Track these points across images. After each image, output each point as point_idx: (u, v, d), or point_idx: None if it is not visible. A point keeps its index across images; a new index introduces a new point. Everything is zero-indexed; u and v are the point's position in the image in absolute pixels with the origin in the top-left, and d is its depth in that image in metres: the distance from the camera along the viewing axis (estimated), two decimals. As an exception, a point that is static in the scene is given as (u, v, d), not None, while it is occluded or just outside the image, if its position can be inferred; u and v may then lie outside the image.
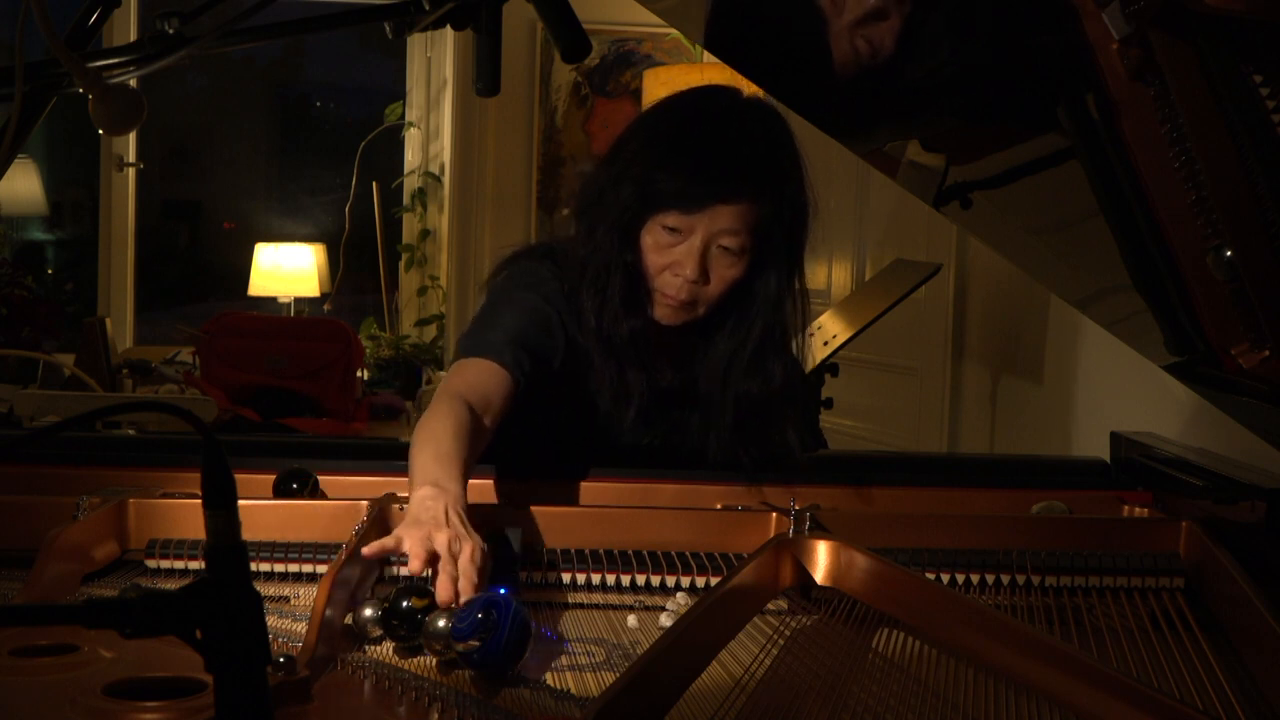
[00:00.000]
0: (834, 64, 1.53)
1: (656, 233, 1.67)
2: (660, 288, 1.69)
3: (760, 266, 1.70)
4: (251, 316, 5.08)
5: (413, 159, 5.84)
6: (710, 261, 1.67)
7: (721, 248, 1.67)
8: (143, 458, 1.61)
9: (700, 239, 1.66)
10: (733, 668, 1.12)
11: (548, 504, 1.46)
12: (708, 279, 1.67)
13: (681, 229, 1.66)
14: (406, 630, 1.15)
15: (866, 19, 1.47)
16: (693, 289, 1.67)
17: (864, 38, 1.47)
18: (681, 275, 1.67)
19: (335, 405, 4.55)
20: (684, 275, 1.66)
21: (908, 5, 1.45)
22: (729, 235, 1.66)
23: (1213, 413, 1.57)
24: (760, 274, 1.71)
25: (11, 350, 4.12)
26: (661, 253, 1.68)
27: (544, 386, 1.67)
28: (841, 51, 1.50)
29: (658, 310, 1.71)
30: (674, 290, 1.68)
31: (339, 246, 5.86)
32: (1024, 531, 1.41)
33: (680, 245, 1.67)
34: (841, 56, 1.50)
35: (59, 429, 1.07)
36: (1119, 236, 1.37)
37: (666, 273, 1.68)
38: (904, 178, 1.74)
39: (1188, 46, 1.09)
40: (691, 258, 1.66)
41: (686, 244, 1.66)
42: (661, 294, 1.69)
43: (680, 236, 1.66)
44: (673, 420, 1.81)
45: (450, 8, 1.11)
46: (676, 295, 1.68)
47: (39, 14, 0.96)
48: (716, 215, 1.65)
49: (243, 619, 0.75)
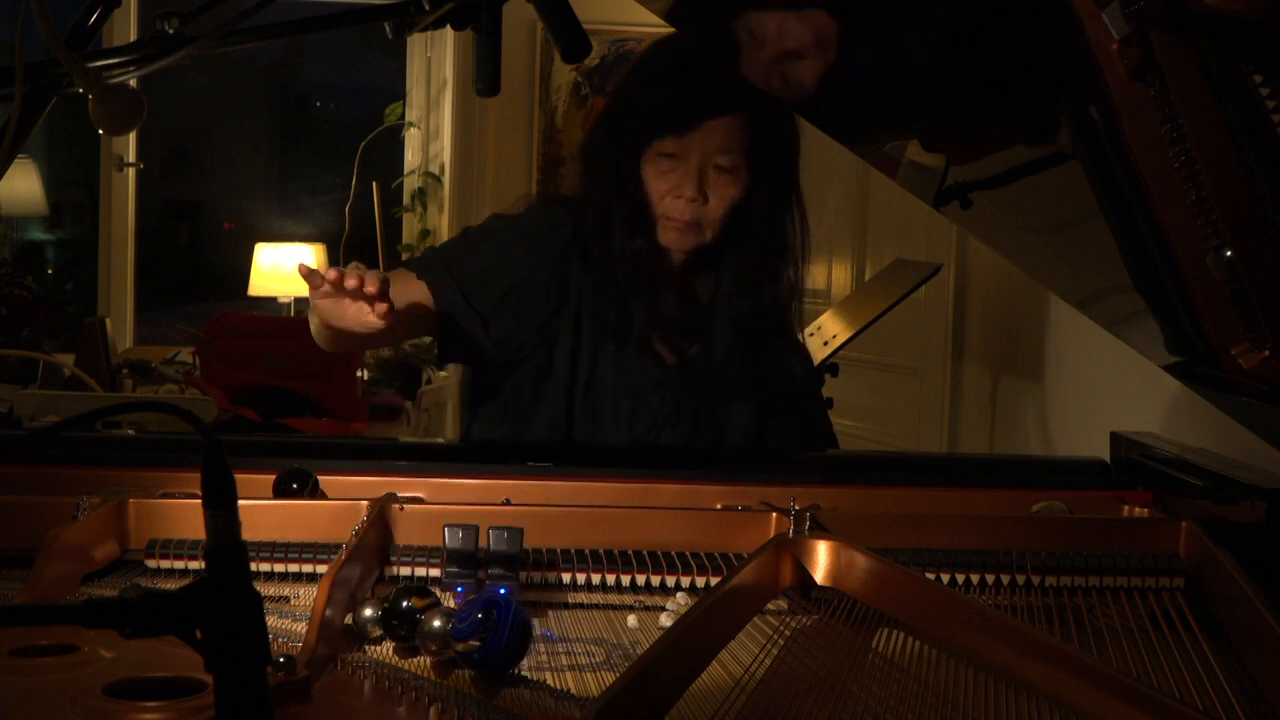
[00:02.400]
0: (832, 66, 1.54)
1: (655, 161, 1.80)
2: (665, 212, 1.81)
3: (757, 187, 1.82)
4: (251, 316, 5.08)
5: (413, 159, 5.84)
6: (708, 182, 1.80)
7: (717, 167, 1.79)
8: (143, 458, 1.60)
9: (696, 160, 1.79)
10: (733, 668, 1.12)
11: (548, 504, 1.46)
12: (707, 198, 1.80)
13: (677, 153, 1.79)
14: (406, 630, 1.15)
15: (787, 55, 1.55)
16: (695, 209, 1.80)
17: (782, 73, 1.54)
18: (683, 197, 1.79)
19: (335, 405, 4.55)
20: (685, 196, 1.79)
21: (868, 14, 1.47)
22: (722, 154, 1.79)
23: (1213, 413, 1.57)
24: (757, 195, 1.83)
25: (11, 350, 4.11)
26: (662, 179, 1.80)
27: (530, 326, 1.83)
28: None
29: (665, 235, 1.82)
30: (678, 212, 1.80)
31: (339, 246, 5.86)
32: (1024, 531, 1.41)
33: (678, 169, 1.79)
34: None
35: (59, 429, 1.07)
36: (1119, 236, 1.37)
37: (669, 197, 1.80)
38: (904, 178, 1.74)
39: (1188, 46, 1.09)
40: (690, 178, 1.79)
41: (684, 167, 1.79)
42: (666, 218, 1.81)
43: (677, 161, 1.79)
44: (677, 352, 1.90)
45: (450, 8, 1.11)
46: (680, 217, 1.80)
47: (39, 14, 0.96)
48: (708, 133, 1.78)
49: (243, 619, 0.75)
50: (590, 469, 1.63)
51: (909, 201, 2.75)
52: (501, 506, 1.44)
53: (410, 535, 1.39)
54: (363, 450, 1.87)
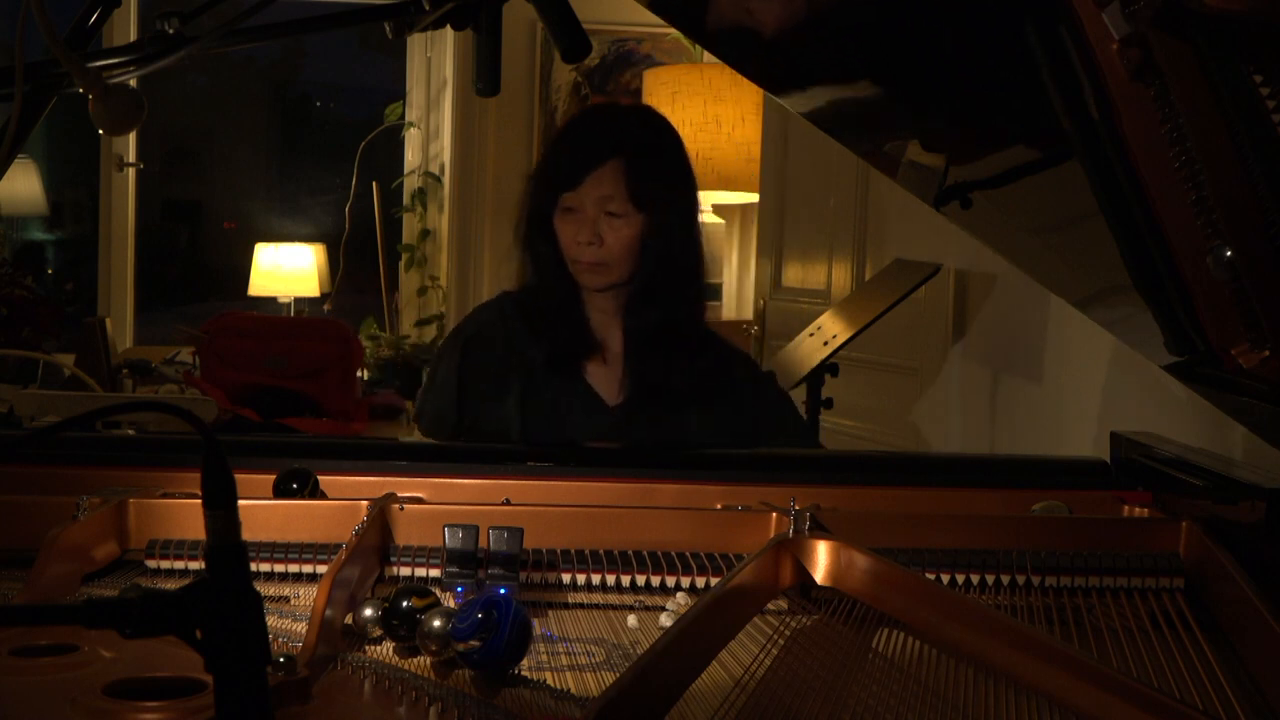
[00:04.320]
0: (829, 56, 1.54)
1: (561, 216, 2.14)
2: (574, 258, 2.14)
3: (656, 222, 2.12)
4: (251, 316, 5.08)
5: (413, 159, 5.84)
6: (603, 227, 2.11)
7: (608, 214, 2.11)
8: (143, 458, 1.60)
9: (591, 208, 2.11)
10: (733, 668, 1.12)
11: (548, 504, 1.46)
12: (603, 241, 2.11)
13: (574, 206, 2.12)
14: (406, 630, 1.15)
15: None
16: (593, 251, 2.12)
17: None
18: (581, 241, 2.12)
19: (335, 405, 4.55)
20: (582, 240, 2.11)
21: None
22: (611, 200, 2.10)
23: (1213, 413, 1.57)
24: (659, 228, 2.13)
25: (11, 350, 4.11)
26: (566, 231, 2.14)
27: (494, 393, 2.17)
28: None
29: (580, 276, 2.16)
30: (583, 257, 2.13)
31: (339, 246, 5.86)
32: (1024, 531, 1.41)
33: (577, 218, 2.12)
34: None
35: (59, 429, 1.07)
36: (1119, 236, 1.37)
37: (573, 244, 2.13)
38: (904, 178, 1.74)
39: (1188, 46, 1.09)
40: (586, 225, 2.12)
41: (581, 215, 2.12)
42: (575, 262, 2.14)
43: (576, 213, 2.12)
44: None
45: (450, 8, 1.11)
46: (583, 259, 2.13)
47: (39, 14, 0.96)
48: (597, 182, 2.10)
49: (243, 619, 0.75)
50: (590, 469, 1.63)
51: (909, 201, 2.75)
52: (501, 506, 1.44)
53: (410, 535, 1.39)
54: (363, 450, 1.87)
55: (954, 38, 1.40)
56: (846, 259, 4.10)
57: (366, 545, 1.31)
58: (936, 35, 1.43)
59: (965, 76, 1.45)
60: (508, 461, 1.66)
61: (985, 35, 1.36)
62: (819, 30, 1.54)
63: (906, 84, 1.53)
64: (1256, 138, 1.10)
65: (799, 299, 4.33)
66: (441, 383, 2.23)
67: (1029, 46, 1.28)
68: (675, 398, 2.17)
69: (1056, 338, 3.18)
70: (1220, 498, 1.46)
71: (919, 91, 1.54)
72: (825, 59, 1.57)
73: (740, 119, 4.72)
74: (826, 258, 4.18)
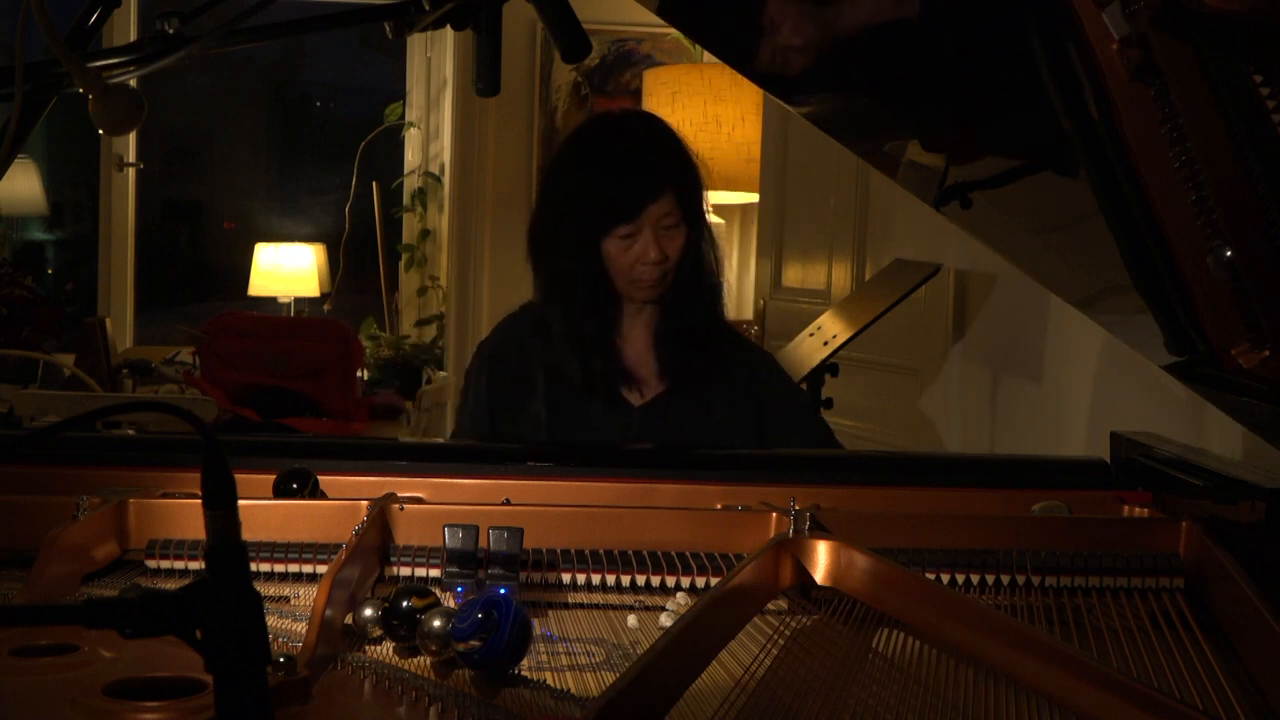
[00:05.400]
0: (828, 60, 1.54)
1: (615, 243, 2.13)
2: (636, 278, 2.15)
3: (691, 223, 2.17)
4: (251, 316, 5.09)
5: (413, 159, 5.84)
6: (662, 242, 2.13)
7: (665, 228, 2.13)
8: (143, 458, 1.60)
9: (650, 231, 2.12)
10: (733, 668, 1.12)
11: (548, 504, 1.46)
12: (666, 255, 2.13)
13: (633, 232, 2.12)
14: (406, 630, 1.15)
15: None
16: (660, 268, 2.14)
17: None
18: (648, 262, 2.12)
19: (335, 405, 4.55)
20: (650, 260, 2.12)
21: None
22: (667, 217, 2.13)
23: (1213, 413, 1.57)
24: (692, 228, 2.17)
25: (11, 350, 4.11)
26: (624, 255, 2.13)
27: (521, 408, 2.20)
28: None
29: (640, 294, 2.17)
30: (648, 275, 2.14)
31: (339, 246, 5.87)
32: (1024, 531, 1.41)
33: (637, 243, 2.12)
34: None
35: (59, 429, 1.07)
36: (1119, 236, 1.37)
37: (636, 266, 2.13)
38: (904, 178, 1.74)
39: (1188, 46, 1.09)
40: (651, 246, 2.12)
41: (641, 239, 2.12)
42: (639, 282, 2.15)
43: (634, 239, 2.12)
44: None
45: (450, 8, 1.11)
46: (651, 277, 2.14)
47: (39, 14, 0.96)
48: (653, 209, 2.12)
49: (243, 619, 0.75)
50: (590, 469, 1.63)
51: (909, 201, 2.75)
52: (501, 506, 1.44)
53: (410, 535, 1.39)
54: (363, 450, 1.87)
55: (954, 38, 1.40)
56: (846, 259, 4.10)
57: (366, 545, 1.31)
58: (937, 35, 1.43)
59: (965, 76, 1.45)
60: (508, 461, 1.66)
61: (985, 35, 1.36)
62: (819, 30, 1.53)
63: (907, 84, 1.53)
64: (1256, 138, 1.10)
65: (799, 299, 4.33)
66: (473, 400, 2.28)
67: (1029, 46, 1.28)
68: (709, 383, 2.21)
69: (1056, 338, 3.18)
70: (1220, 498, 1.46)
71: (919, 92, 1.54)
72: (825, 59, 1.57)
73: (740, 119, 4.72)
74: (826, 258, 4.18)
